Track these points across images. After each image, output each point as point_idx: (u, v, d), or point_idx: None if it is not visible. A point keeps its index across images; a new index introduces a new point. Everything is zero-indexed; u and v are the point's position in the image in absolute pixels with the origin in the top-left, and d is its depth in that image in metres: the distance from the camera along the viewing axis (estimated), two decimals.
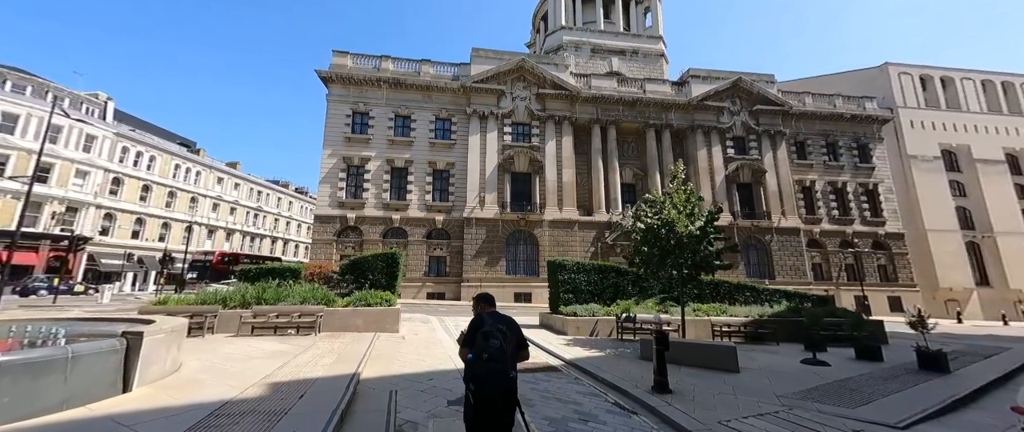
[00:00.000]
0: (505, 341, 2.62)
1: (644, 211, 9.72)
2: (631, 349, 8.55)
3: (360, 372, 5.42)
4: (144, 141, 36.81)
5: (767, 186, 30.43)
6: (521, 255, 28.03)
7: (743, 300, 11.98)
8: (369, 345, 7.85)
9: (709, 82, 31.92)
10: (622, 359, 7.49)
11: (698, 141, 30.89)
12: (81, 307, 15.70)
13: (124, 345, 4.39)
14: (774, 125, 31.77)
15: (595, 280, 11.64)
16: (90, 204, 31.56)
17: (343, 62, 29.06)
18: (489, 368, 2.48)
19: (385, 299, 10.36)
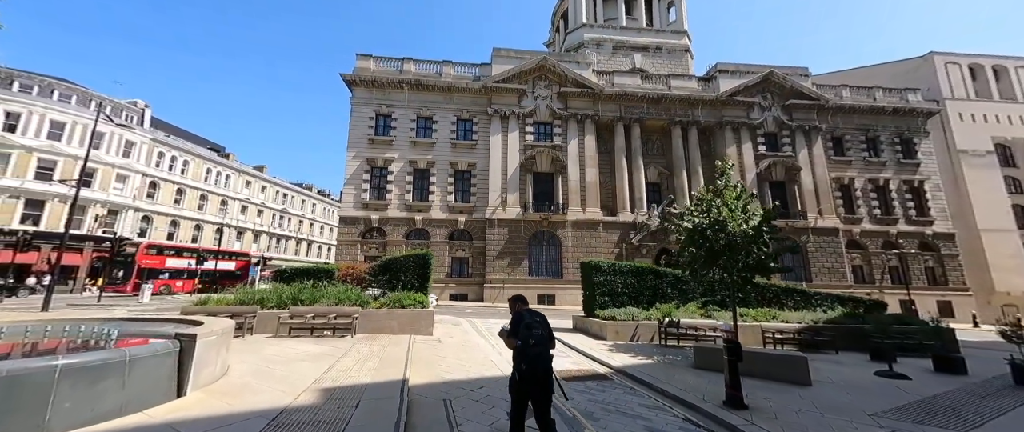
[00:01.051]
0: (544, 330, 3.52)
1: (690, 210, 9.20)
2: (680, 357, 8.07)
3: (408, 378, 5.20)
4: (178, 146, 38.30)
5: (802, 184, 29.02)
6: (544, 256, 27.62)
7: (792, 305, 11.25)
8: (408, 348, 7.66)
9: (738, 77, 30.74)
10: (674, 367, 7.04)
11: (727, 138, 29.76)
12: (125, 306, 16.26)
13: (177, 348, 4.28)
14: (809, 120, 30.29)
15: (632, 282, 11.15)
16: (129, 207, 33.00)
17: (366, 65, 29.39)
18: (536, 351, 3.39)
19: (418, 301, 10.20)
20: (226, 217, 42.48)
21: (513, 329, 3.48)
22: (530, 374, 3.30)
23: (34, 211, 27.81)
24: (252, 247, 46.36)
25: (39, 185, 27.97)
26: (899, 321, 9.49)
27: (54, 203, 28.67)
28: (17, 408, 3.07)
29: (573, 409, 4.69)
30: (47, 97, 29.73)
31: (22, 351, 5.49)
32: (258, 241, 47.62)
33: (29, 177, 27.78)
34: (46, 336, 5.92)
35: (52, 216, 28.46)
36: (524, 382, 3.31)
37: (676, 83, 30.82)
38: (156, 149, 35.80)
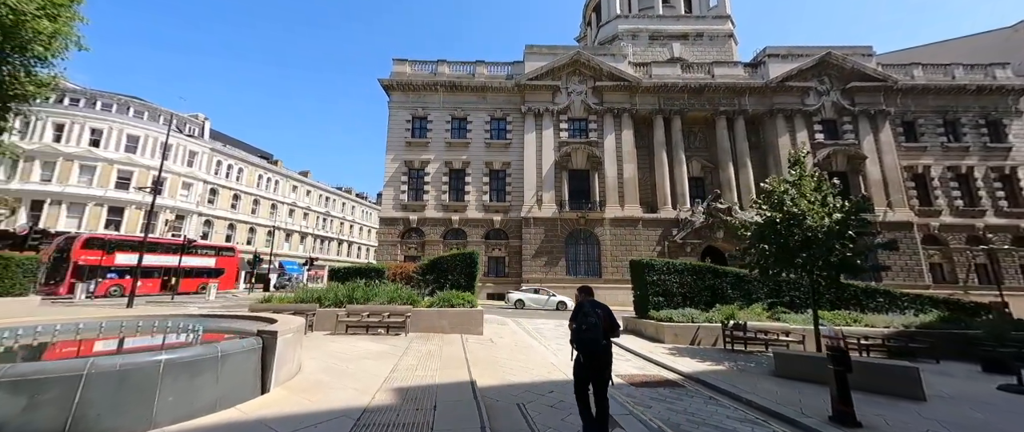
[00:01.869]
0: (598, 320, 3.82)
1: (758, 204, 8.47)
2: (753, 363, 7.43)
3: (475, 380, 5.07)
4: (234, 155, 41.22)
5: (867, 175, 26.45)
6: (581, 255, 27.03)
7: (874, 307, 10.12)
8: (463, 348, 7.59)
9: (790, 61, 28.53)
10: (750, 375, 6.46)
11: (779, 127, 27.69)
12: (195, 304, 17.61)
13: (260, 344, 4.38)
14: (874, 104, 27.55)
15: (688, 282, 10.50)
16: (193, 212, 35.90)
17: (403, 69, 30.12)
18: (587, 336, 3.77)
19: (467, 300, 10.16)
20: (276, 220, 45.23)
21: (574, 315, 3.97)
22: (584, 355, 3.79)
23: (115, 217, 30.90)
24: (299, 248, 49.09)
25: (119, 193, 31.05)
26: (1018, 327, 8.22)
27: (132, 209, 31.71)
28: (128, 400, 3.20)
29: (656, 419, 4.35)
30: (124, 114, 32.94)
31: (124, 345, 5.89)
32: (304, 242, 50.35)
33: (111, 187, 30.91)
34: (138, 330, 6.36)
35: (130, 221, 31.50)
36: (582, 364, 3.81)
37: (720, 71, 29.11)
38: (215, 158, 38.72)
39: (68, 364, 3.01)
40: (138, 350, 4.93)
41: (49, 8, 11.42)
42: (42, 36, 11.46)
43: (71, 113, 30.06)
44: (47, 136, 28.86)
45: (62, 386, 2.93)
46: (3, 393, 2.76)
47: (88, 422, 2.97)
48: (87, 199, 29.68)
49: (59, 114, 29.36)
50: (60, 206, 28.73)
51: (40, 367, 2.87)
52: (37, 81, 12.19)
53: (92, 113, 31.10)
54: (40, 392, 2.86)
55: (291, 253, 46.93)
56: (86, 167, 30.20)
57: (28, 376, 2.86)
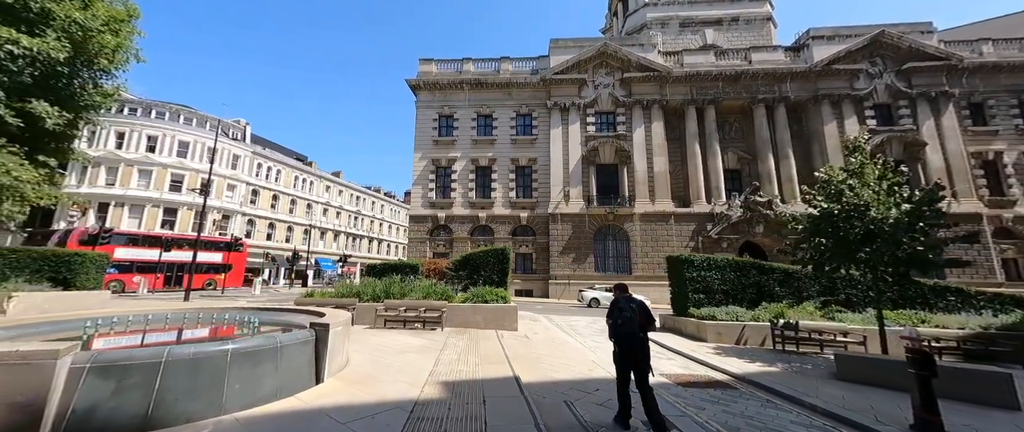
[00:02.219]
0: (633, 314, 4.06)
1: (812, 195, 7.91)
2: (809, 364, 6.95)
3: (519, 376, 5.03)
4: (273, 158, 43.37)
5: (928, 162, 24.27)
6: (610, 251, 26.49)
7: (944, 306, 9.24)
8: (500, 344, 7.59)
9: (837, 42, 26.57)
10: (808, 377, 6.04)
11: (824, 114, 25.89)
12: (244, 298, 18.72)
13: (314, 336, 4.52)
14: (935, 85, 25.18)
15: (731, 278, 9.99)
16: (238, 212, 38.11)
17: (429, 69, 30.53)
18: (623, 330, 4.04)
19: (501, 296, 10.17)
20: (311, 219, 47.30)
21: (609, 312, 4.30)
22: (621, 347, 4.07)
23: (170, 217, 33.30)
24: (333, 246, 51.14)
25: (173, 195, 33.43)
26: None
27: (184, 210, 34.07)
28: (201, 387, 3.38)
29: (712, 421, 4.13)
30: (176, 121, 35.36)
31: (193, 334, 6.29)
32: (337, 240, 52.39)
33: (165, 189, 33.32)
34: (199, 322, 6.77)
35: (182, 221, 33.86)
36: (621, 355, 4.08)
37: (758, 56, 27.54)
38: (256, 161, 40.89)
39: (149, 352, 3.22)
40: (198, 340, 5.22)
41: (112, 24, 12.36)
42: (107, 50, 12.41)
43: (130, 121, 32.59)
44: (110, 143, 31.45)
45: (144, 372, 3.13)
46: (95, 378, 2.98)
47: (167, 406, 3.16)
48: (145, 201, 32.15)
49: (120, 123, 31.88)
50: (123, 207, 31.28)
51: (125, 354, 3.08)
52: (103, 92, 13.24)
53: (148, 121, 33.59)
54: (126, 377, 3.06)
55: (325, 250, 48.96)
56: (144, 171, 32.71)
57: (116, 362, 3.08)
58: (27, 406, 2.66)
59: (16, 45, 10.00)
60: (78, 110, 12.27)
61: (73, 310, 11.13)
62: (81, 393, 2.90)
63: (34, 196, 9.87)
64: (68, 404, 2.86)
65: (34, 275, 10.71)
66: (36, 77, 11.09)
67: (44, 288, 10.78)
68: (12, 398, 2.65)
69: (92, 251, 12.24)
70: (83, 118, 12.86)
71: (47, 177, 11.70)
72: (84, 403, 2.90)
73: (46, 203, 10.74)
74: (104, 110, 13.85)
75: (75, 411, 2.87)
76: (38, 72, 11.03)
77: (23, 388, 2.68)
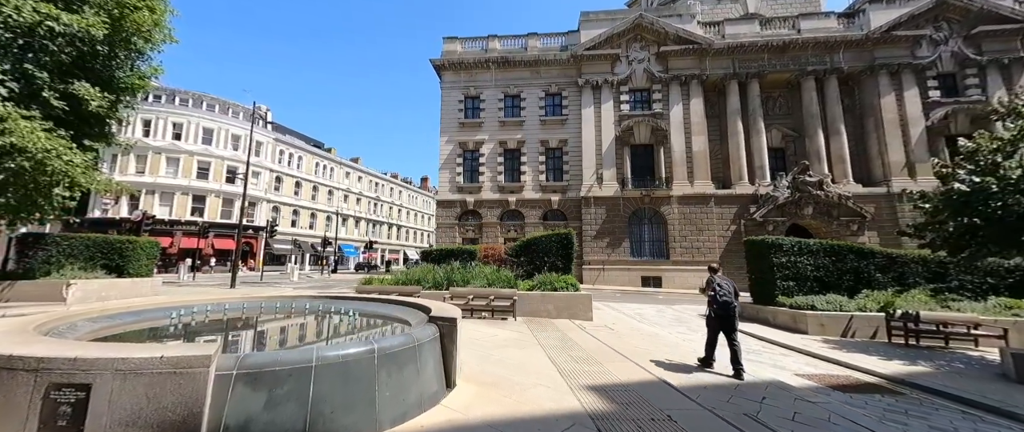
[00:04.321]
0: (729, 288, 5.53)
1: (953, 169, 6.93)
2: (955, 361, 6.13)
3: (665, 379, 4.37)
4: (294, 144, 43.17)
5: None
6: (646, 235, 25.58)
7: None
8: (592, 337, 6.97)
9: (897, 6, 24.42)
10: (973, 379, 5.22)
11: (882, 85, 24.05)
12: (284, 284, 18.56)
13: (439, 333, 3.90)
14: (1009, 51, 23.04)
15: (825, 264, 9.10)
16: (263, 199, 38.22)
17: (453, 48, 29.39)
18: (723, 299, 5.44)
19: (570, 284, 9.54)
20: (332, 205, 47.36)
21: (709, 286, 5.61)
22: (720, 313, 5.35)
23: (198, 204, 33.53)
24: (354, 232, 51.33)
25: (201, 183, 33.56)
26: None
27: (211, 198, 34.23)
28: (354, 396, 2.80)
29: None
30: (199, 108, 35.19)
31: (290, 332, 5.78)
32: (358, 227, 52.56)
33: (193, 177, 33.45)
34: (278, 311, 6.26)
35: (210, 209, 34.08)
36: (717, 319, 5.39)
37: (808, 24, 25.58)
38: (278, 148, 40.74)
39: (296, 355, 2.63)
40: (340, 342, 4.65)
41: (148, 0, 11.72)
42: (144, 28, 11.81)
43: (155, 109, 32.50)
44: (137, 131, 31.46)
45: (295, 380, 2.54)
46: (244, 387, 2.40)
47: (325, 421, 2.58)
48: (175, 188, 32.35)
49: (146, 111, 31.79)
50: (153, 195, 31.54)
51: (272, 357, 2.51)
52: (140, 74, 12.73)
53: (173, 109, 33.48)
54: (277, 386, 2.48)
55: (347, 237, 49.19)
56: (171, 159, 32.80)
57: (265, 367, 2.49)
58: (180, 424, 2.10)
59: (56, 22, 9.46)
60: (118, 92, 11.82)
61: (128, 297, 10.97)
62: (231, 406, 2.33)
63: (86, 182, 9.51)
64: (219, 420, 2.29)
65: (88, 263, 10.51)
66: (75, 57, 10.61)
67: (99, 275, 10.57)
68: (163, 415, 2.09)
69: (143, 239, 12.02)
70: (123, 101, 12.42)
71: (92, 163, 11.37)
72: (236, 418, 2.33)
73: (99, 190, 10.40)
74: (141, 94, 13.40)
75: (228, 429, 2.30)
76: (77, 51, 10.53)
77: (174, 402, 2.11)
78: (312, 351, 2.67)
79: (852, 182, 23.72)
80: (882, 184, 23.45)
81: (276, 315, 6.22)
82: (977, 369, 5.73)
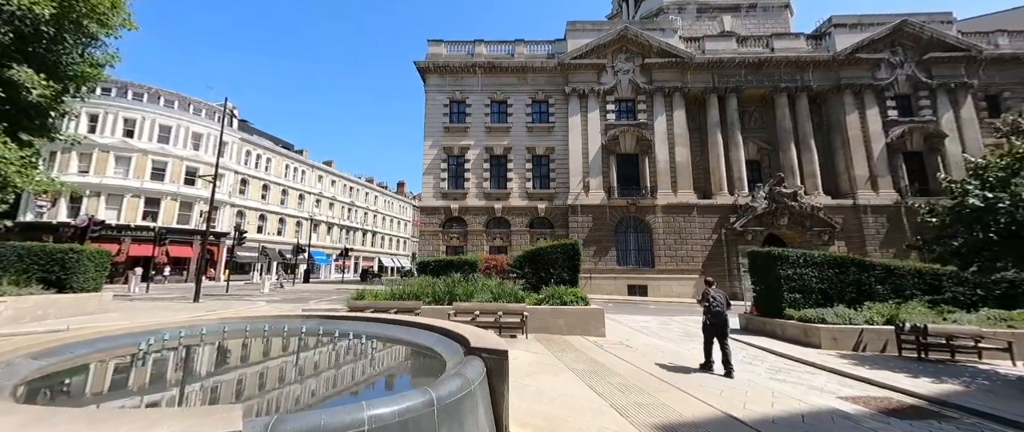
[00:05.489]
0: (722, 299, 6.55)
1: (962, 184, 7.13)
2: (978, 377, 6.15)
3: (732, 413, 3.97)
4: (262, 145, 40.61)
5: (947, 154, 24.39)
6: (632, 244, 25.76)
7: None
8: (616, 357, 6.55)
9: (859, 30, 26.27)
10: (1004, 398, 5.21)
11: (846, 104, 25.66)
12: (255, 297, 16.97)
13: (484, 369, 3.31)
14: (954, 76, 25.25)
15: (829, 276, 9.20)
16: (226, 203, 35.51)
17: (438, 51, 28.74)
18: (717, 309, 6.32)
19: (580, 297, 9.11)
20: (303, 210, 44.86)
21: (704, 298, 6.55)
22: (715, 322, 6.27)
23: (152, 208, 30.60)
24: (326, 239, 48.82)
25: (156, 184, 30.69)
26: None
27: (168, 201, 31.38)
28: None
29: None
30: (156, 104, 32.36)
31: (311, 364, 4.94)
32: (331, 233, 50.04)
33: (147, 178, 30.55)
34: (266, 337, 5.39)
35: (166, 212, 31.21)
36: (712, 326, 6.29)
37: (780, 44, 27.00)
38: (244, 148, 38.16)
39: (343, 415, 1.97)
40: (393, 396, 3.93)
41: None
42: (98, 10, 10.44)
43: (104, 103, 29.55)
44: (82, 127, 28.40)
45: None
46: None
47: None
48: (125, 190, 29.40)
49: (94, 104, 28.81)
50: (99, 198, 28.49)
51: (315, 422, 1.84)
52: (93, 61, 11.26)
53: (125, 103, 30.57)
54: None
55: (319, 244, 46.66)
56: (121, 158, 29.84)
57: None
58: None
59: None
60: (66, 80, 10.34)
61: (71, 316, 9.43)
62: None
63: (22, 182, 8.09)
64: None
65: (21, 276, 8.93)
66: (14, 38, 9.17)
67: (35, 291, 9.03)
68: None
69: (92, 247, 10.42)
70: (70, 91, 10.90)
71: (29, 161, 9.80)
72: None
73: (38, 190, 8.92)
74: (93, 83, 11.86)
75: None
76: (16, 32, 9.11)
77: None
78: (361, 409, 2.03)
79: (822, 194, 25.00)
80: (848, 196, 24.86)
81: (267, 342, 5.34)
82: (1001, 385, 5.78)
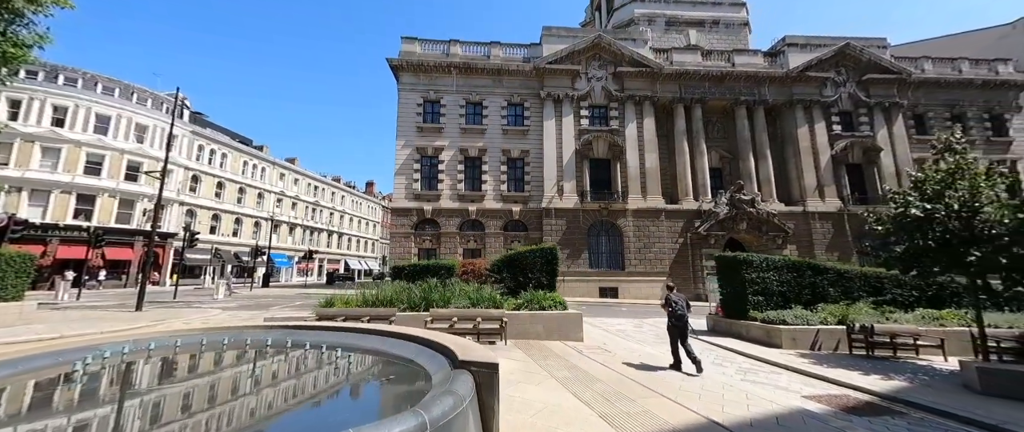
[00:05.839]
0: (683, 302, 6.98)
1: (903, 194, 7.80)
2: (917, 373, 6.76)
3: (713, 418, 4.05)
4: (217, 139, 37.82)
5: (882, 166, 26.93)
6: (603, 247, 26.35)
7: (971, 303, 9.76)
8: (598, 364, 6.57)
9: (809, 50, 28.44)
10: (943, 392, 5.73)
11: (798, 117, 27.70)
12: (207, 304, 15.64)
13: (473, 384, 3.15)
14: (888, 96, 27.95)
15: (788, 279, 9.84)
16: (174, 201, 32.73)
17: (412, 48, 28.06)
18: (679, 311, 6.78)
19: (558, 302, 9.11)
20: (264, 210, 42.24)
21: (667, 302, 7.00)
22: (677, 324, 6.74)
23: (86, 206, 27.62)
24: (288, 240, 46.23)
25: (90, 180, 27.74)
26: None
27: (105, 198, 28.46)
28: None
29: None
30: (92, 90, 29.27)
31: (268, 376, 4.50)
32: (293, 234, 47.45)
33: (79, 172, 27.53)
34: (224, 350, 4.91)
35: (103, 210, 28.29)
36: (675, 328, 6.75)
37: (740, 59, 28.70)
38: (196, 142, 35.37)
39: None
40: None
41: None
42: None
43: (29, 88, 26.32)
44: (1, 113, 25.14)
45: None
46: None
47: None
48: (52, 185, 26.34)
49: (16, 89, 25.55)
50: (20, 193, 25.31)
51: None
52: (17, 41, 9.97)
53: (54, 88, 27.40)
54: None
55: (280, 246, 44.09)
56: (49, 150, 26.70)
57: None
58: None
59: None
60: None
61: None
62: None
63: None
64: None
65: None
66: None
67: None
68: None
69: (13, 250, 9.03)
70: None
71: None
72: None
73: None
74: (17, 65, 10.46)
75: None
76: None
77: None
78: None
79: (777, 201, 26.79)
80: (799, 204, 26.80)
81: (228, 357, 4.86)
82: (939, 380, 6.38)
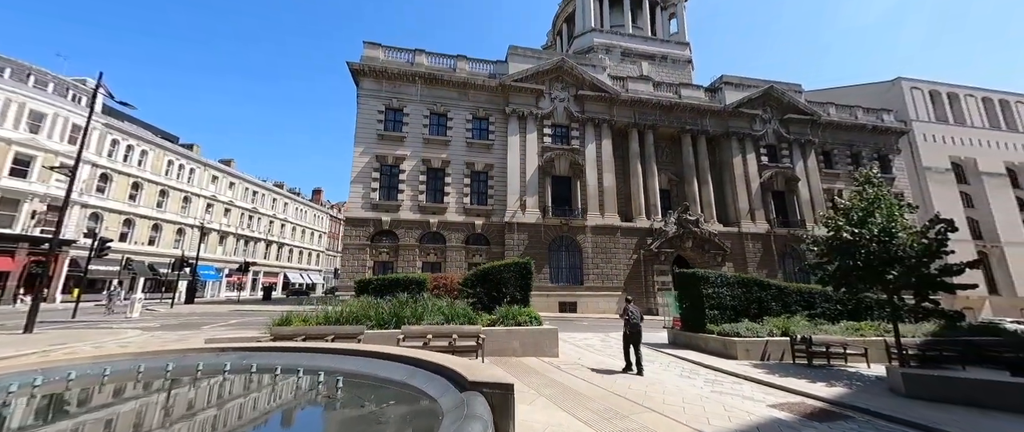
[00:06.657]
0: (637, 315, 7.89)
1: (832, 219, 8.89)
2: (857, 381, 7.59)
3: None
4: (136, 134, 33.25)
5: (800, 194, 30.80)
6: (564, 262, 26.91)
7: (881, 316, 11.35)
8: (581, 380, 6.54)
9: (742, 89, 32.12)
10: (876, 395, 6.50)
11: (733, 148, 30.92)
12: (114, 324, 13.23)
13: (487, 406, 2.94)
14: (804, 134, 32.30)
15: (739, 294, 10.72)
16: (76, 203, 27.94)
17: (375, 54, 27.19)
18: (634, 321, 7.77)
19: (533, 318, 9.03)
20: (192, 215, 37.54)
21: (624, 312, 7.96)
22: (632, 332, 7.68)
23: None
24: (218, 250, 41.39)
25: None
26: (988, 332, 9.86)
27: None
28: None
29: None
30: None
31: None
32: (224, 244, 42.60)
33: None
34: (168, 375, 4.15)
35: None
36: (630, 335, 7.71)
37: (686, 92, 31.58)
38: (109, 136, 30.77)
39: None
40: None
41: None
42: None
43: None
44: None
45: None
46: None
47: None
48: None
49: None
50: None
51: None
52: None
53: None
54: None
55: (210, 256, 39.30)
56: None
57: None
58: None
59: None
60: None
61: None
62: None
63: None
64: None
65: None
66: None
67: None
68: None
69: None
70: None
71: None
72: None
73: None
74: None
75: None
76: None
77: None
78: None
79: (717, 222, 29.40)
80: (735, 225, 29.64)
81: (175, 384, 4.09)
82: (870, 385, 7.25)
